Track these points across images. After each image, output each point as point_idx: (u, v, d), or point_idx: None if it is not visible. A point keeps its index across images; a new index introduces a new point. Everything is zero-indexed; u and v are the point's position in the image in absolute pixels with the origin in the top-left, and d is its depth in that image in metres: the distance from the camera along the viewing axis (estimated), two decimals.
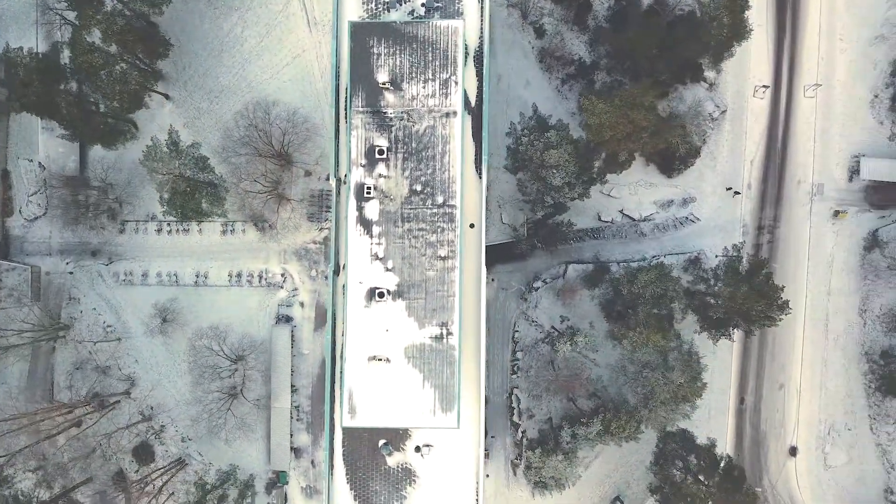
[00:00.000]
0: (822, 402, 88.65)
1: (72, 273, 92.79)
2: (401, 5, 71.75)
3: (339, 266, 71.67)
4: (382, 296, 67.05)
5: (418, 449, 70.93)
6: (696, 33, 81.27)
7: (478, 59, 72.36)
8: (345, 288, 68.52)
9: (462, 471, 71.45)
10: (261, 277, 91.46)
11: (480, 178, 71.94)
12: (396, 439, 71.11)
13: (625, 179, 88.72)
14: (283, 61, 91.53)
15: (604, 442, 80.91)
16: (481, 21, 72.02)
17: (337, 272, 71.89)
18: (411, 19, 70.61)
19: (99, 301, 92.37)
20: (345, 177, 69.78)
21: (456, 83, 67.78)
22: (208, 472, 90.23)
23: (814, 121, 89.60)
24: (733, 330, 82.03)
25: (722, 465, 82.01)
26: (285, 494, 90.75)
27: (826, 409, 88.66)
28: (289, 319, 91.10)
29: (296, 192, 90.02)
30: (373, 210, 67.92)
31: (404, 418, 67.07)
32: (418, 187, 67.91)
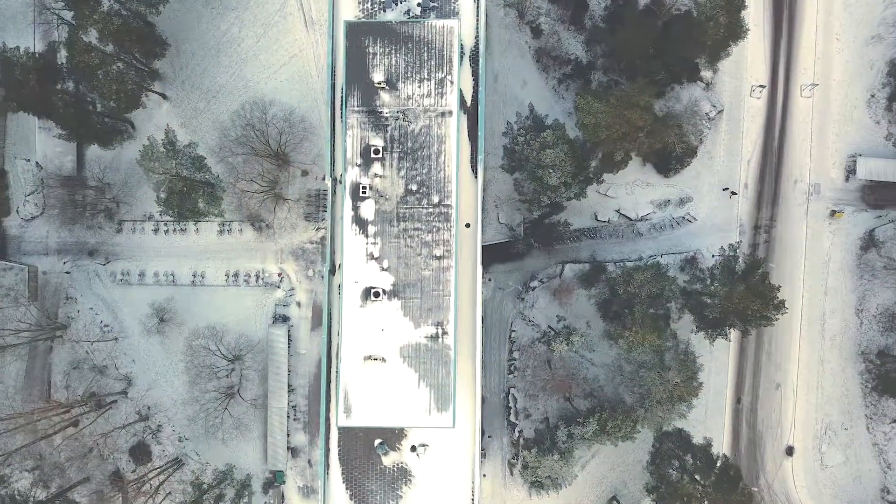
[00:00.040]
0: (818, 402, 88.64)
1: (69, 273, 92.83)
2: (396, 5, 71.82)
3: (335, 266, 71.71)
4: (378, 295, 67.12)
5: (414, 448, 71.03)
6: (693, 33, 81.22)
7: (473, 58, 72.43)
8: (340, 287, 68.58)
9: (458, 470, 71.54)
10: (258, 277, 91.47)
11: (476, 177, 72.01)
12: (392, 439, 71.17)
13: (621, 179, 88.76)
14: (280, 61, 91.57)
15: (600, 442, 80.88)
16: (477, 21, 72.07)
17: (333, 272, 71.94)
18: (407, 19, 70.65)
19: (96, 301, 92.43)
20: (340, 176, 69.83)
21: (451, 83, 67.85)
22: (205, 471, 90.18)
23: (810, 120, 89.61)
24: (729, 330, 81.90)
25: (718, 464, 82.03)
26: (282, 494, 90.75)
27: (822, 409, 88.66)
28: (286, 319, 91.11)
29: (292, 192, 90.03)
30: (368, 210, 67.98)
31: (399, 418, 67.20)
32: (414, 187, 67.98)
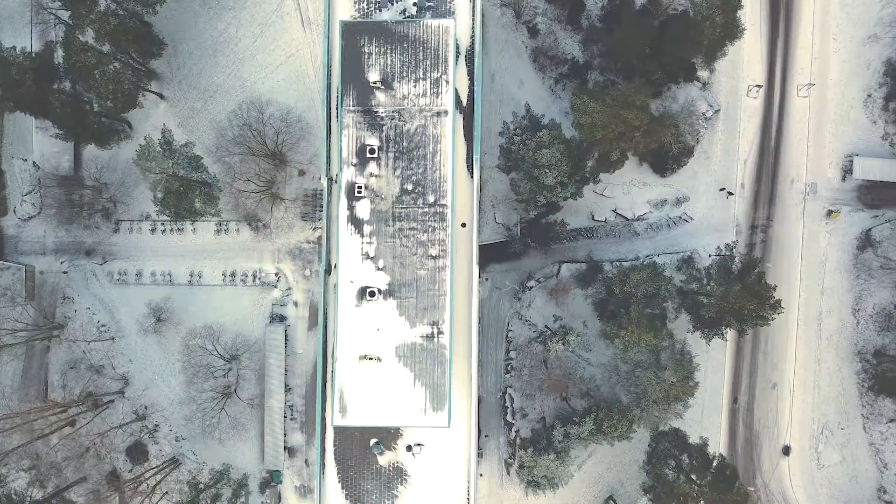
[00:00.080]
0: (815, 402, 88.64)
1: (66, 272, 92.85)
2: (392, 4, 71.79)
3: (331, 265, 71.72)
4: (373, 295, 67.10)
5: (410, 448, 70.98)
6: (689, 33, 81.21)
7: (469, 58, 72.39)
8: (336, 287, 68.57)
9: (454, 470, 71.50)
10: (255, 277, 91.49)
11: (472, 177, 71.98)
12: (388, 438, 71.16)
13: (618, 179, 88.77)
14: (277, 61, 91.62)
15: (596, 441, 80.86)
16: (473, 20, 72.05)
17: (329, 271, 71.95)
18: (403, 19, 70.63)
19: (93, 300, 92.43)
20: (336, 176, 69.82)
21: (447, 82, 67.82)
22: (202, 471, 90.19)
23: (807, 120, 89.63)
24: (726, 329, 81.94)
25: (714, 464, 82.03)
26: (279, 494, 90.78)
27: (819, 409, 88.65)
28: (283, 319, 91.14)
29: (289, 192, 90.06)
30: (364, 209, 67.97)
31: (395, 417, 67.14)
32: (409, 186, 67.95)
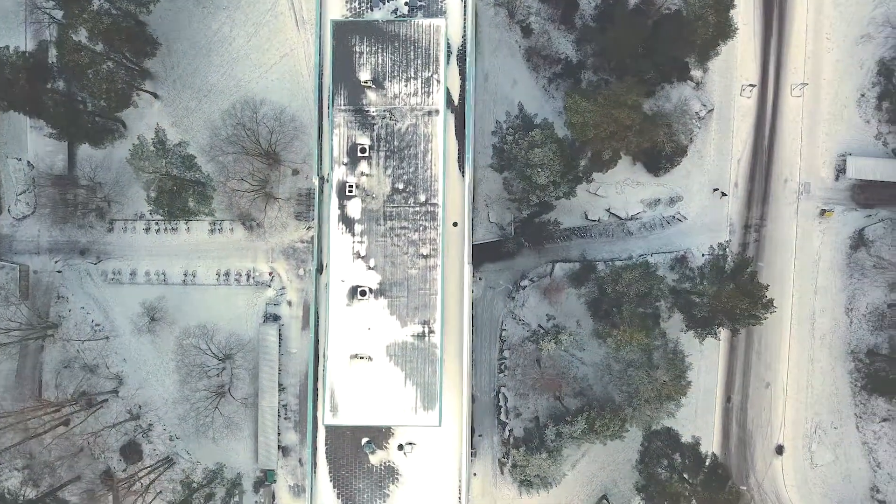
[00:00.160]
0: (808, 401, 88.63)
1: (60, 272, 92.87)
2: (384, 4, 71.88)
3: (322, 264, 71.77)
4: (364, 294, 67.14)
5: (401, 447, 71.01)
6: (683, 32, 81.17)
7: (461, 57, 72.44)
8: (327, 286, 68.61)
9: (445, 469, 71.54)
10: (248, 276, 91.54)
11: (464, 176, 72.02)
12: (379, 437, 71.19)
13: (611, 178, 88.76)
14: (271, 60, 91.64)
15: (589, 440, 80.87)
16: (464, 20, 72.10)
17: (320, 270, 72.00)
18: (394, 18, 70.67)
19: (87, 300, 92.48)
20: (327, 175, 69.86)
21: (438, 81, 67.87)
22: (195, 470, 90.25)
23: (800, 119, 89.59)
24: (719, 329, 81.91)
25: (707, 463, 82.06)
26: (273, 493, 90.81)
27: (812, 408, 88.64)
28: (276, 318, 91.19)
29: (283, 191, 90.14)
30: (355, 208, 68.01)
31: (386, 416, 67.20)
32: (400, 185, 67.99)
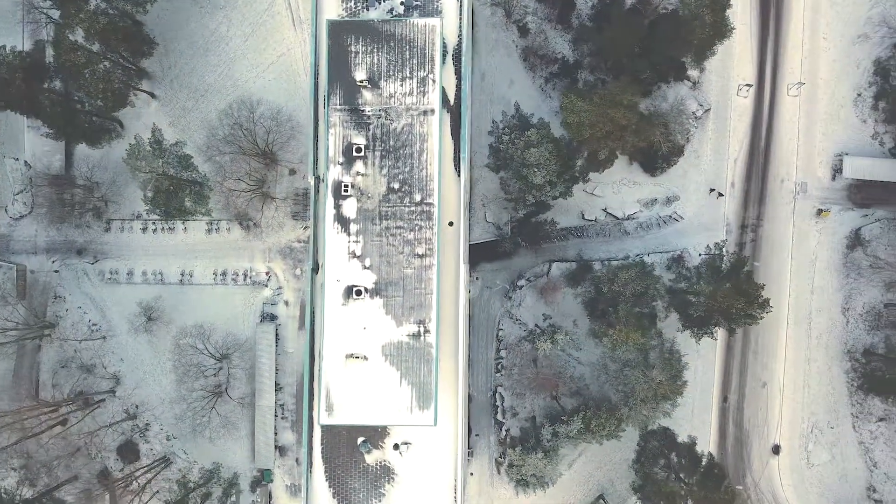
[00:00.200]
0: (804, 401, 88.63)
1: (57, 271, 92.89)
2: (380, 3, 71.88)
3: (318, 264, 71.78)
4: (360, 293, 67.19)
5: (397, 447, 71.05)
6: (679, 32, 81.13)
7: (457, 57, 72.45)
8: (323, 286, 68.64)
9: (441, 469, 71.55)
10: (245, 276, 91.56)
11: (459, 176, 72.04)
12: (375, 437, 71.24)
13: (608, 178, 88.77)
14: (268, 60, 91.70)
15: (585, 440, 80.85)
16: (460, 19, 72.11)
17: (316, 270, 72.01)
18: (390, 17, 70.70)
19: (84, 299, 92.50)
20: (323, 175, 69.89)
21: (433, 81, 67.89)
22: (192, 470, 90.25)
23: (797, 119, 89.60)
24: (715, 328, 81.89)
25: (703, 462, 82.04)
26: (270, 492, 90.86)
27: (809, 408, 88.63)
28: (273, 318, 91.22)
29: (280, 191, 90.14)
30: (350, 208, 68.05)
31: (381, 416, 67.23)
32: (396, 185, 68.04)
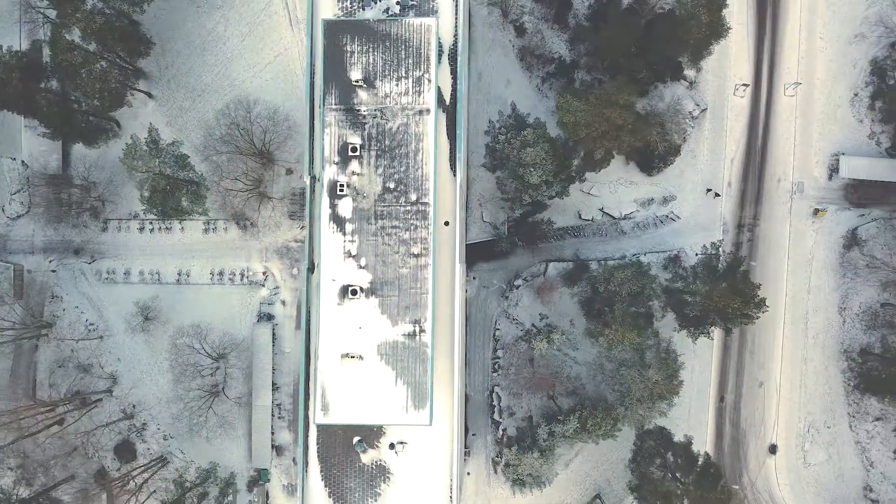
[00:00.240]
0: (801, 400, 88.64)
1: (54, 271, 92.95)
2: (376, 3, 71.90)
3: (314, 263, 71.78)
4: (355, 293, 67.21)
5: (392, 446, 71.07)
6: (676, 31, 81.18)
7: (453, 56, 72.47)
8: (318, 285, 68.67)
9: (437, 468, 71.56)
10: (242, 275, 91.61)
11: (455, 175, 72.04)
12: (371, 436, 71.25)
13: (605, 178, 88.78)
14: (265, 60, 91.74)
15: (581, 440, 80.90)
16: (456, 19, 72.12)
17: (312, 270, 72.01)
18: (386, 17, 70.72)
19: (81, 299, 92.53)
20: (318, 174, 69.90)
21: (429, 81, 67.91)
22: (189, 469, 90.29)
23: (794, 119, 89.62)
24: (712, 328, 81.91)
25: (699, 462, 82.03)
26: (267, 492, 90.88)
27: (805, 407, 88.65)
28: (270, 317, 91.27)
29: (277, 191, 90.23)
30: (346, 207, 68.07)
31: (377, 415, 67.26)
32: (391, 185, 68.06)
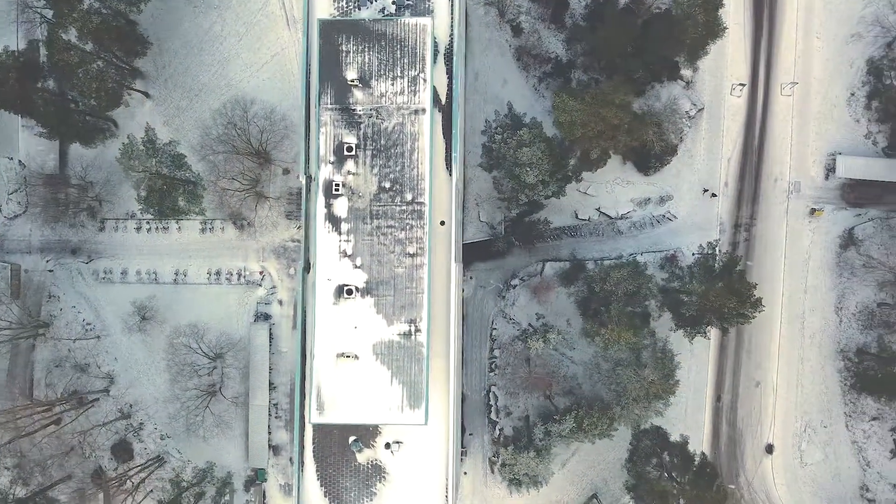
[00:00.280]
0: (798, 400, 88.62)
1: (51, 271, 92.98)
2: (372, 3, 71.97)
3: (310, 263, 71.81)
4: (351, 293, 67.26)
5: (388, 446, 71.09)
6: (672, 31, 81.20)
7: (448, 56, 72.48)
8: (314, 285, 68.70)
9: (433, 468, 71.59)
10: (239, 275, 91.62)
11: (451, 175, 72.05)
12: (366, 436, 71.27)
13: (601, 177, 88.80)
14: (262, 60, 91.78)
15: (577, 439, 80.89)
16: (451, 19, 72.14)
17: (307, 269, 72.05)
18: (381, 17, 70.74)
19: (78, 299, 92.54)
20: (314, 174, 69.94)
21: (424, 80, 67.95)
22: (186, 469, 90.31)
23: (791, 119, 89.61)
24: (708, 328, 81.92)
25: (696, 462, 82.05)
26: (263, 492, 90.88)
27: (802, 407, 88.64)
28: (267, 317, 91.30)
29: (274, 190, 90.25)
30: (341, 207, 68.11)
31: (372, 415, 67.30)
32: (387, 184, 68.10)
